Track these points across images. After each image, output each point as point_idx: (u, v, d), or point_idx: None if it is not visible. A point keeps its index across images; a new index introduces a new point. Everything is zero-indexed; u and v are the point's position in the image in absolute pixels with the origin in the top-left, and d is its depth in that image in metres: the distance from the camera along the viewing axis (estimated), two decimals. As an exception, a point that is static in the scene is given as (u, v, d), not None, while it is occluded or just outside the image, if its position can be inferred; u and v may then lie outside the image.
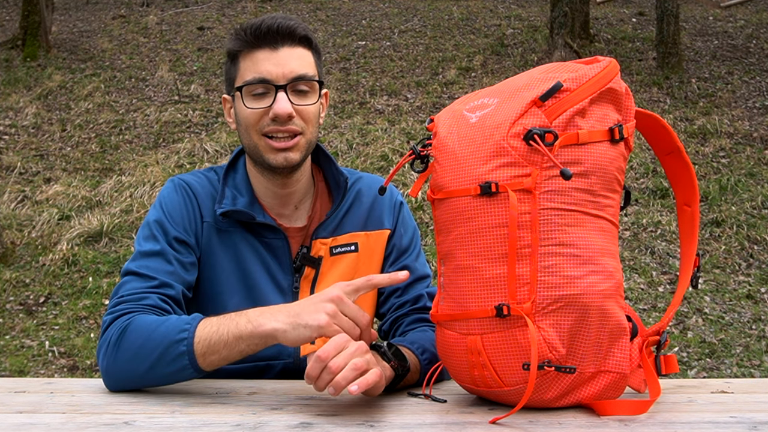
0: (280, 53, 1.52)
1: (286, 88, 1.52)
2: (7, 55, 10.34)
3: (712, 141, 7.78)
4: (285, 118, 1.51)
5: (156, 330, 1.35)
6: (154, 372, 1.35)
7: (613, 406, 1.23)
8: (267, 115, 1.52)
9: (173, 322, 1.36)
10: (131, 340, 1.36)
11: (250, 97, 1.54)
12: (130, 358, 1.36)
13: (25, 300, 5.55)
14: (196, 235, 1.57)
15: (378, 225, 1.67)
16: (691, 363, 4.71)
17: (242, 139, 1.59)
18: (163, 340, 1.33)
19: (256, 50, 1.53)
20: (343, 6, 12.21)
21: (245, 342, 1.31)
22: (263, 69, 1.52)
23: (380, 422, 1.21)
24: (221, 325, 1.33)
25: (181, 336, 1.33)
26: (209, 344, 1.32)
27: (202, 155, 7.58)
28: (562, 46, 9.24)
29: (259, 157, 1.56)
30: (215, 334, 1.32)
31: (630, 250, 6.10)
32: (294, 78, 1.52)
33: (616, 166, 1.27)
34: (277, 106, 1.51)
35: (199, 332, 1.33)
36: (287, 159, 1.54)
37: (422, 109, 8.47)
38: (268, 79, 1.51)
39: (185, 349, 1.32)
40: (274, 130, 1.53)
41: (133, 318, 1.39)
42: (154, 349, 1.34)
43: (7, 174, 7.50)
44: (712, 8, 11.96)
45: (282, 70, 1.52)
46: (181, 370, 1.34)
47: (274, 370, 1.58)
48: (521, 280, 1.20)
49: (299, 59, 1.54)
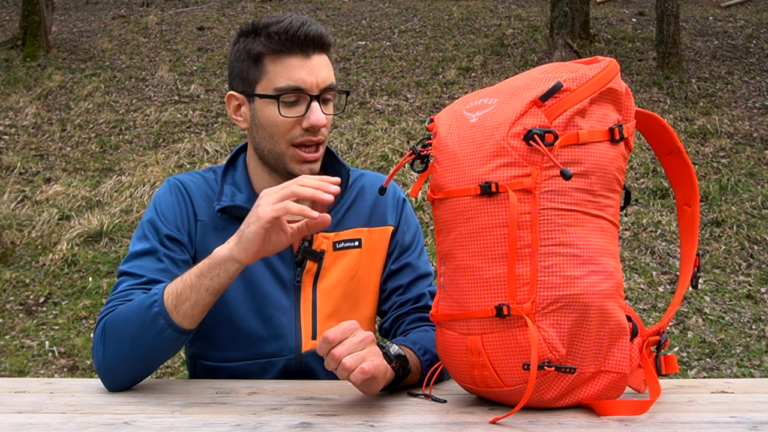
0: (312, 61, 1.51)
1: (320, 98, 1.51)
2: (7, 55, 10.34)
3: (712, 141, 7.78)
4: (320, 128, 1.51)
5: (129, 308, 1.40)
6: (137, 346, 1.37)
7: (613, 406, 1.23)
8: (299, 124, 1.51)
9: (144, 295, 1.41)
10: (110, 328, 1.41)
11: (283, 105, 1.51)
12: (113, 344, 1.40)
13: (25, 300, 5.56)
14: (189, 234, 1.58)
15: (381, 221, 1.67)
16: (691, 363, 4.71)
17: (261, 143, 1.56)
18: (137, 312, 1.38)
19: (288, 56, 1.50)
20: (343, 6, 12.21)
21: (207, 277, 1.35)
22: (297, 77, 1.49)
23: (380, 422, 1.21)
24: (184, 275, 1.38)
25: (152, 299, 1.37)
26: (176, 295, 1.36)
27: (202, 155, 7.58)
28: (562, 46, 9.24)
29: (281, 164, 1.55)
30: (179, 283, 1.37)
31: (630, 250, 6.10)
32: (326, 87, 1.52)
33: (616, 166, 1.27)
34: (314, 117, 1.50)
35: (166, 291, 1.37)
36: (312, 170, 1.55)
37: (422, 109, 8.47)
38: (303, 88, 1.50)
39: (158, 309, 1.35)
40: (306, 141, 1.52)
41: (113, 310, 1.44)
42: (133, 324, 1.38)
43: (7, 174, 7.50)
44: (712, 8, 11.96)
45: (315, 79, 1.50)
46: (161, 332, 1.36)
47: (276, 368, 1.58)
48: (521, 280, 1.20)
49: (327, 67, 1.53)
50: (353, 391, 1.39)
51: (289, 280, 1.59)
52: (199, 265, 1.37)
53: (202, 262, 1.37)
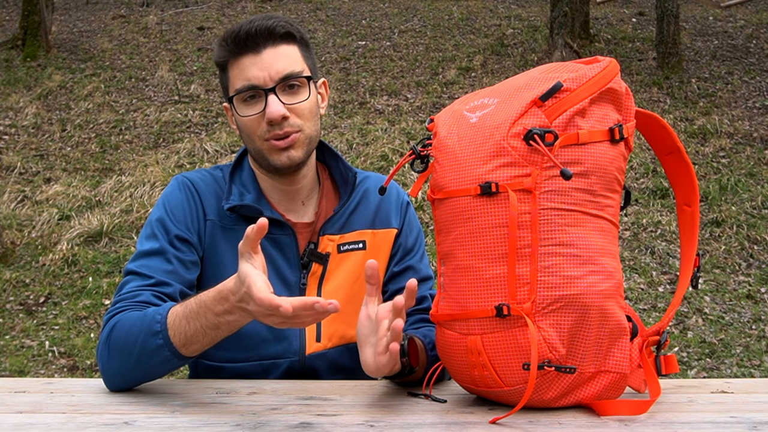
0: (263, 56, 1.51)
1: (275, 90, 1.51)
2: (7, 55, 10.34)
3: (712, 141, 7.78)
4: (279, 120, 1.50)
5: (132, 326, 1.37)
6: (141, 365, 1.37)
7: (613, 406, 1.23)
8: (263, 119, 1.52)
9: (146, 314, 1.37)
10: (116, 337, 1.38)
11: (243, 105, 1.53)
12: (118, 355, 1.38)
13: (25, 300, 5.55)
14: (198, 234, 1.57)
15: (386, 224, 1.67)
16: (691, 363, 4.71)
17: (246, 145, 1.60)
18: (140, 335, 1.35)
19: (241, 57, 1.52)
20: (343, 6, 12.21)
21: (224, 328, 1.31)
22: (250, 75, 1.51)
23: (380, 422, 1.21)
24: (190, 321, 1.31)
25: (155, 328, 1.33)
26: (186, 338, 1.32)
27: (202, 155, 7.57)
28: (562, 46, 9.23)
29: (264, 160, 1.56)
30: (189, 329, 1.32)
31: (630, 250, 6.10)
32: (281, 78, 1.51)
33: (616, 166, 1.27)
34: (269, 110, 1.50)
35: (171, 325, 1.33)
36: (290, 158, 1.53)
37: (422, 109, 8.47)
38: (255, 84, 1.51)
39: (162, 342, 1.33)
40: (273, 135, 1.52)
41: (121, 315, 1.41)
42: (134, 344, 1.35)
43: (7, 174, 7.50)
44: (712, 8, 11.96)
45: (267, 73, 1.51)
46: (166, 361, 1.34)
47: (280, 369, 1.58)
48: (521, 280, 1.20)
49: (284, 58, 1.53)
50: (353, 391, 1.39)
51: (294, 283, 1.58)
52: (210, 319, 1.30)
53: (212, 317, 1.29)
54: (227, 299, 1.27)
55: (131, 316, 1.40)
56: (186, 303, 1.34)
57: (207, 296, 1.31)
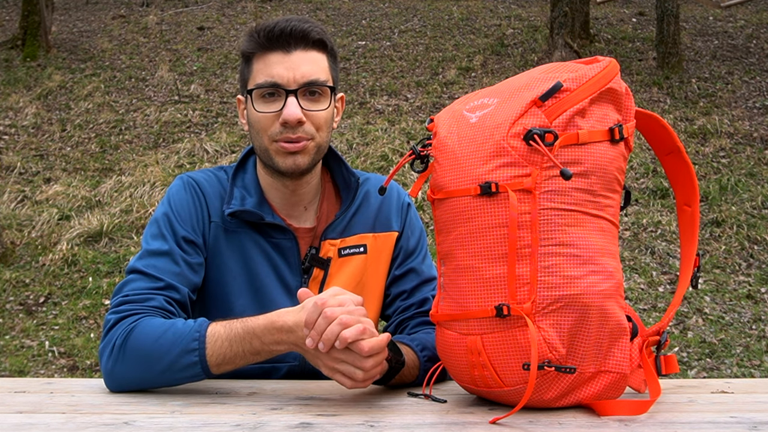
0: (292, 57, 1.50)
1: (297, 93, 1.50)
2: (7, 55, 10.34)
3: (712, 141, 7.78)
4: (294, 123, 1.49)
5: (164, 336, 1.36)
6: (164, 377, 1.37)
7: (613, 406, 1.23)
8: (277, 119, 1.51)
9: (180, 327, 1.37)
10: (138, 344, 1.36)
11: (260, 100, 1.52)
12: (137, 363, 1.36)
13: (25, 300, 5.55)
14: (203, 235, 1.56)
15: (386, 227, 1.66)
16: (691, 363, 4.71)
17: (253, 141, 1.58)
18: (173, 348, 1.34)
19: (269, 53, 1.51)
20: (343, 6, 12.21)
21: (264, 357, 1.36)
22: (275, 72, 1.50)
23: (380, 422, 1.21)
24: (233, 344, 1.34)
25: (192, 346, 1.34)
26: (224, 359, 1.35)
27: (202, 155, 7.58)
28: (562, 46, 9.23)
29: (269, 160, 1.55)
30: (229, 352, 1.34)
31: (630, 250, 6.10)
32: (305, 83, 1.50)
33: (616, 166, 1.27)
34: (287, 111, 1.49)
35: (209, 345, 1.34)
36: (296, 163, 1.52)
37: (422, 109, 8.47)
38: (278, 83, 1.50)
39: (197, 359, 1.34)
40: (285, 138, 1.51)
41: (139, 321, 1.39)
42: (164, 355, 1.34)
43: (7, 174, 7.50)
44: (712, 8, 11.96)
45: (293, 74, 1.50)
46: (194, 376, 1.37)
47: (280, 372, 1.58)
48: (521, 280, 1.20)
49: (312, 63, 1.52)
50: (353, 391, 1.39)
51: (295, 287, 1.57)
52: (255, 345, 1.34)
53: (257, 345, 1.34)
54: (281, 331, 1.32)
55: (155, 324, 1.38)
56: (229, 325, 1.36)
57: (256, 324, 1.34)
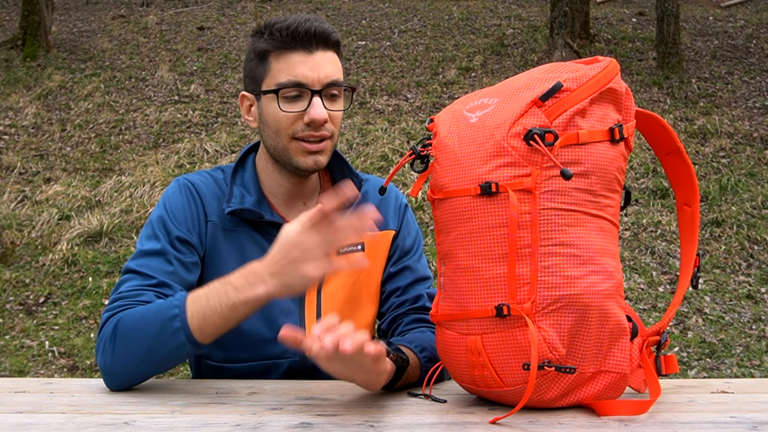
0: (315, 57, 1.52)
1: (321, 93, 1.52)
2: (7, 55, 10.34)
3: (712, 141, 7.78)
4: (321, 123, 1.51)
5: (145, 315, 1.38)
6: (152, 356, 1.37)
7: (613, 406, 1.23)
8: (301, 119, 1.52)
9: (161, 303, 1.39)
10: (124, 331, 1.38)
11: (284, 100, 1.52)
12: (126, 348, 1.37)
13: (25, 300, 5.55)
14: (199, 235, 1.57)
15: (384, 225, 1.68)
16: (691, 363, 4.71)
17: (267, 140, 1.58)
18: (155, 321, 1.36)
19: (290, 52, 1.52)
20: (343, 6, 12.21)
21: (240, 310, 1.34)
22: (299, 72, 1.51)
23: (380, 422, 1.21)
24: (210, 298, 1.35)
25: (173, 312, 1.35)
26: (203, 317, 1.34)
27: (202, 155, 7.58)
28: (562, 46, 9.23)
29: (286, 158, 1.56)
30: (207, 307, 1.34)
31: (630, 250, 6.10)
32: (329, 83, 1.52)
33: (617, 166, 1.27)
34: (314, 111, 1.50)
35: (189, 307, 1.35)
36: (317, 162, 1.55)
37: (422, 109, 8.47)
38: (303, 83, 1.51)
39: (179, 325, 1.34)
40: (308, 135, 1.52)
41: (125, 312, 1.41)
42: (149, 332, 1.36)
43: (7, 174, 7.50)
44: (712, 8, 11.96)
45: (318, 75, 1.51)
46: (180, 347, 1.35)
47: (280, 369, 1.58)
48: (521, 280, 1.20)
49: (332, 64, 1.54)
50: (353, 392, 1.39)
51: None
52: (231, 295, 1.33)
53: (233, 293, 1.33)
54: (251, 273, 1.33)
55: (138, 309, 1.40)
56: (209, 284, 1.38)
57: (231, 275, 1.35)
